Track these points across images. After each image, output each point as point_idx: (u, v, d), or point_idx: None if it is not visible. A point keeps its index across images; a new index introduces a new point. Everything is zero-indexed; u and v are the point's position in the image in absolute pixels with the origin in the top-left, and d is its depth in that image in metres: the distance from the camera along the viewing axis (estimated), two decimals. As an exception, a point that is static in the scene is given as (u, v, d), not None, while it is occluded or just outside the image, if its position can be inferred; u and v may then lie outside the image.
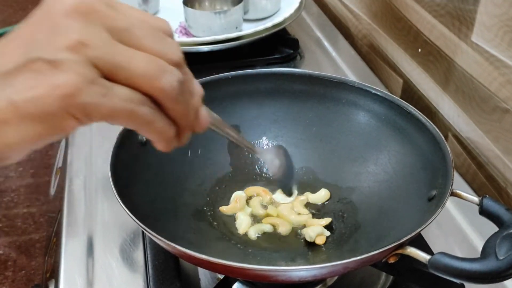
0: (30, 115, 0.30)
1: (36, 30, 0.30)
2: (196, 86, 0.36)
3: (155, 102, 0.32)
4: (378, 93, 0.63)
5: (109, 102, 0.30)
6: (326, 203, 0.62)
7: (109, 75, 0.31)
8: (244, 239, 0.57)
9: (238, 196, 0.62)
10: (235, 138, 0.47)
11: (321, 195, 0.62)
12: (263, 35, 0.94)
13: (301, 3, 1.03)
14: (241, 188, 0.64)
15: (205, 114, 0.37)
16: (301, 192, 0.63)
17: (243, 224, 0.59)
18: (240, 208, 0.61)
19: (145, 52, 0.31)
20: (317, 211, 0.61)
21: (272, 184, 0.64)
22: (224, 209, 0.61)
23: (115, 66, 0.31)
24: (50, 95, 0.29)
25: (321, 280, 0.56)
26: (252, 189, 0.63)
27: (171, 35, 0.34)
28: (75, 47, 0.30)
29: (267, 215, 0.60)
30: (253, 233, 0.58)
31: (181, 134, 0.35)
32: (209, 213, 0.60)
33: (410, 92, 0.91)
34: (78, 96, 0.30)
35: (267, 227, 0.58)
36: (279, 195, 0.63)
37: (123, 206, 0.47)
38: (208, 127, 0.38)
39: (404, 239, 0.44)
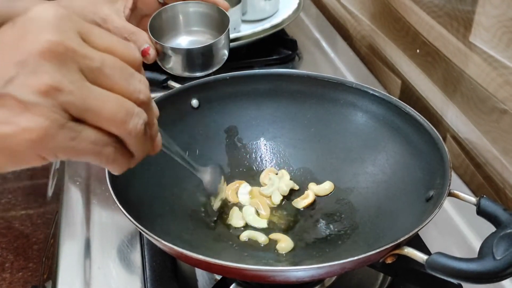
0: None
1: (10, 59, 0.31)
2: (155, 110, 0.39)
3: (119, 139, 0.35)
4: (376, 94, 0.63)
5: (77, 146, 0.32)
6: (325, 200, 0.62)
7: (79, 118, 0.32)
8: (242, 240, 0.58)
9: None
10: (181, 158, 0.52)
11: (325, 188, 0.63)
12: (262, 36, 0.94)
13: (299, 4, 1.03)
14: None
15: (159, 140, 0.40)
16: (300, 192, 0.63)
17: (240, 220, 0.60)
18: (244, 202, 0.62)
19: (115, 93, 0.33)
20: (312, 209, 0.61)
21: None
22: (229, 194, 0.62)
23: (86, 110, 0.32)
24: (19, 136, 0.30)
25: (319, 281, 0.56)
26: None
27: (139, 67, 0.36)
28: (47, 91, 0.30)
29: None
30: (245, 236, 0.58)
31: (135, 160, 0.37)
32: (206, 214, 0.60)
33: (409, 93, 0.91)
34: (47, 141, 0.31)
35: (262, 238, 0.58)
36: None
37: (121, 207, 0.48)
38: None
39: (402, 239, 0.44)
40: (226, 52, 0.70)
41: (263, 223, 0.60)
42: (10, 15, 0.68)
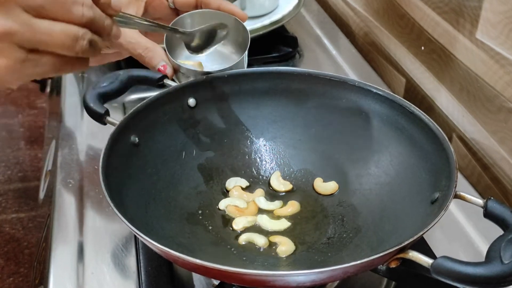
0: None
1: None
2: (112, 8, 0.46)
3: None
4: (379, 92, 0.63)
5: (40, 70, 0.42)
6: (326, 205, 0.62)
7: (35, 49, 0.41)
8: (241, 244, 0.58)
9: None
10: (146, 26, 0.58)
11: (330, 187, 0.63)
12: (261, 33, 0.94)
13: (300, 0, 1.03)
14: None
15: (116, 32, 0.48)
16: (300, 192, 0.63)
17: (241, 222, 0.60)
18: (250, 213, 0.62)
19: (60, 22, 0.41)
20: (314, 214, 0.61)
21: (268, 186, 0.65)
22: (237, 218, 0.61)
23: (38, 43, 0.40)
24: None
25: (321, 286, 0.56)
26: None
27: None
28: (1, 37, 0.39)
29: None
30: (243, 239, 0.58)
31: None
32: (203, 217, 0.60)
33: (413, 92, 0.91)
34: (15, 73, 0.40)
35: (261, 242, 0.58)
36: (262, 200, 0.63)
37: (115, 210, 0.48)
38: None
39: (406, 242, 0.44)
40: (245, 66, 0.70)
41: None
42: None
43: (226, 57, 0.72)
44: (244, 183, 0.65)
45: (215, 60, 0.72)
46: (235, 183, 0.64)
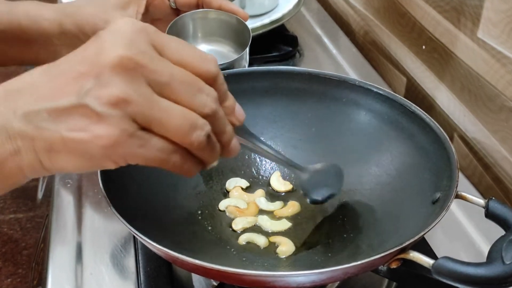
0: (76, 151, 0.36)
1: (85, 73, 0.36)
2: (237, 116, 0.43)
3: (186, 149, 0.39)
4: (380, 92, 0.63)
5: (145, 153, 0.37)
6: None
7: (147, 127, 0.36)
8: (241, 244, 0.58)
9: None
10: (273, 156, 0.52)
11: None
12: (261, 32, 0.94)
13: (300, -2, 1.03)
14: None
15: (235, 145, 0.43)
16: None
17: (241, 222, 0.59)
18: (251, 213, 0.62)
19: (181, 106, 0.37)
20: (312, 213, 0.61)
21: (267, 186, 0.65)
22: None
23: (152, 121, 0.36)
24: (94, 142, 0.35)
25: (321, 287, 0.56)
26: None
27: (213, 80, 0.39)
28: (117, 103, 0.35)
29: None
30: (243, 239, 0.58)
31: (207, 165, 0.41)
32: (203, 217, 0.60)
33: (414, 91, 0.91)
34: (117, 147, 0.36)
35: (261, 241, 0.58)
36: (263, 200, 0.63)
37: (114, 210, 0.48)
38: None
39: (407, 243, 0.44)
40: (246, 64, 0.70)
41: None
42: (11, 18, 0.68)
43: (227, 56, 0.72)
44: (244, 183, 0.65)
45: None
46: (235, 184, 0.64)
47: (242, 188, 0.64)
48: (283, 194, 0.64)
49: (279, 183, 0.65)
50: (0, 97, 0.37)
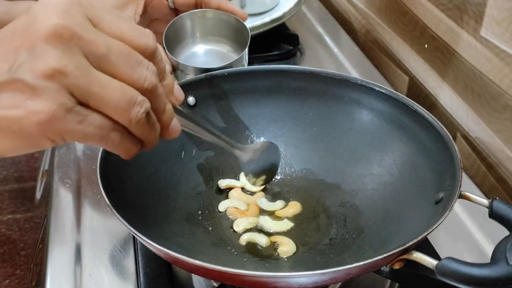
0: (9, 131, 0.34)
1: (17, 46, 0.34)
2: (176, 96, 0.42)
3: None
4: (382, 90, 0.63)
5: (83, 129, 0.35)
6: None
7: (84, 103, 0.35)
8: (241, 244, 0.57)
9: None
10: (212, 139, 0.53)
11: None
12: (261, 30, 0.94)
13: (301, -4, 1.03)
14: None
15: (175, 125, 0.42)
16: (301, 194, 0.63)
17: (242, 223, 0.59)
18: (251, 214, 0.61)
19: (119, 80, 0.36)
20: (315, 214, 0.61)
21: (269, 188, 0.65)
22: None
23: (90, 95, 0.35)
24: (29, 118, 0.33)
25: (323, 288, 0.56)
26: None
27: (151, 54, 0.38)
28: (53, 75, 0.33)
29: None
30: (244, 239, 0.58)
31: (146, 145, 0.40)
32: (203, 217, 0.60)
33: (416, 90, 0.91)
34: (54, 123, 0.34)
35: (263, 240, 0.58)
36: (263, 200, 0.63)
37: (113, 210, 0.47)
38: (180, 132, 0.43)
39: (410, 243, 0.44)
40: (245, 65, 0.70)
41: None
42: (10, 19, 0.68)
43: (226, 56, 0.72)
44: (240, 183, 0.64)
45: (215, 59, 0.73)
46: (228, 183, 0.64)
47: (242, 189, 0.64)
48: (284, 194, 0.64)
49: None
50: None
